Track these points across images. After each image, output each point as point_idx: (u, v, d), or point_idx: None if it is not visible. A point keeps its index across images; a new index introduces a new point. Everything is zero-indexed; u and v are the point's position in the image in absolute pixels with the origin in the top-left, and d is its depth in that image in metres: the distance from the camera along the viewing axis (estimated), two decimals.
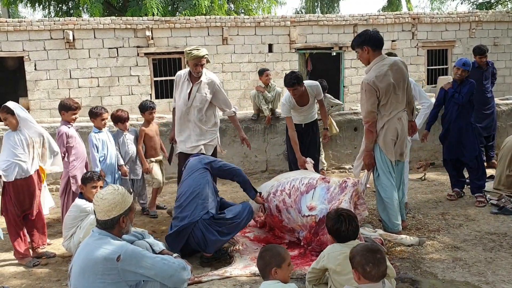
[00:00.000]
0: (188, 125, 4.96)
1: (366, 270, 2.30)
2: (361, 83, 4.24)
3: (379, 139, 4.25)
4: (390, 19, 14.75)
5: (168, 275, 2.63)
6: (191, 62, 4.74)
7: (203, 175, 4.11)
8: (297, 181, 4.33)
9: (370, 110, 4.17)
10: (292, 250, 4.05)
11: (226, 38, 13.75)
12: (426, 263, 3.68)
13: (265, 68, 7.27)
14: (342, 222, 2.82)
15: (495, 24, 15.45)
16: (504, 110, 7.59)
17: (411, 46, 14.90)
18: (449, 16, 15.18)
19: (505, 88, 15.42)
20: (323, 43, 14.36)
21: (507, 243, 4.06)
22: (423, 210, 5.11)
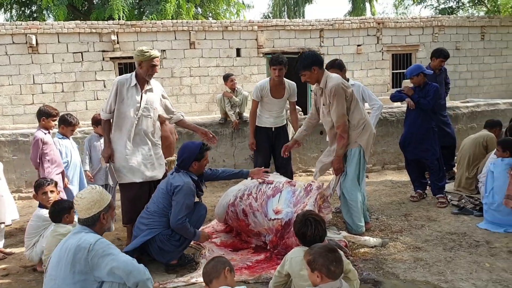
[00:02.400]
0: (136, 140, 4.27)
1: (331, 270, 2.37)
2: (329, 90, 4.28)
3: (362, 140, 4.37)
4: (356, 23, 15.03)
5: (128, 271, 2.63)
6: (146, 62, 4.17)
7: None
8: (264, 185, 4.37)
9: (343, 113, 4.29)
10: (259, 254, 4.08)
11: (194, 42, 13.72)
12: (388, 264, 3.76)
13: (230, 74, 7.28)
14: (308, 226, 2.86)
15: (456, 29, 15.95)
16: (465, 112, 7.83)
17: (376, 50, 15.21)
18: (413, 21, 15.58)
19: (467, 91, 15.92)
20: (290, 47, 14.50)
21: (466, 243, 4.19)
22: (386, 212, 5.22)
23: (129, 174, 4.24)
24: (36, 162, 4.66)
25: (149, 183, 4.34)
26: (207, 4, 21.59)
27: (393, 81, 15.63)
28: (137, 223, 3.93)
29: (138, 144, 4.28)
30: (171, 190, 3.84)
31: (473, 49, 16.16)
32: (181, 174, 3.95)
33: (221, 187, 6.58)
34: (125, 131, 4.23)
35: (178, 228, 3.78)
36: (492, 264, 3.69)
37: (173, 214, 3.77)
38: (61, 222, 3.81)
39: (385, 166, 7.59)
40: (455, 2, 22.56)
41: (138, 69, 4.26)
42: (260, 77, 14.47)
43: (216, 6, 21.53)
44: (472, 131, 7.17)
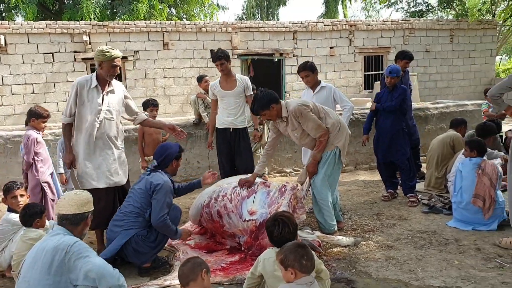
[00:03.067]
0: (99, 144, 4.13)
1: (303, 264, 2.44)
2: (294, 113, 4.35)
3: (339, 142, 4.44)
4: (328, 26, 15.20)
5: (102, 274, 2.61)
6: (107, 63, 4.02)
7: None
8: (238, 186, 4.38)
9: (318, 124, 4.38)
10: (233, 255, 4.09)
11: (167, 43, 13.64)
12: (361, 263, 3.83)
13: (204, 75, 7.26)
14: (276, 226, 2.88)
15: (426, 32, 16.30)
16: (434, 113, 8.01)
17: (348, 52, 15.42)
18: (384, 24, 15.86)
19: (437, 92, 16.29)
20: (264, 49, 14.56)
21: (436, 241, 4.30)
22: (359, 211, 5.30)
23: (92, 180, 4.10)
24: (29, 162, 4.61)
25: (113, 189, 4.24)
26: (180, 5, 21.47)
27: (365, 83, 15.87)
28: (111, 226, 3.87)
29: (101, 149, 4.13)
30: (151, 189, 3.81)
31: (443, 52, 16.56)
32: (159, 173, 3.94)
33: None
34: (87, 135, 4.08)
35: (160, 225, 3.75)
36: (461, 261, 3.80)
37: (155, 212, 3.75)
38: (32, 226, 3.73)
39: (357, 166, 7.69)
40: (425, 5, 23.04)
41: (98, 69, 4.10)
42: None
43: (190, 7, 21.43)
44: (441, 131, 7.33)
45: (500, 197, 4.58)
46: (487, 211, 4.51)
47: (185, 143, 6.78)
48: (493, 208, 4.50)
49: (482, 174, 4.59)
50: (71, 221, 2.79)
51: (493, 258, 3.84)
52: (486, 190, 4.51)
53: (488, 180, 4.54)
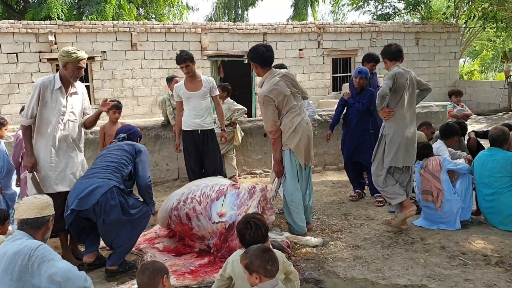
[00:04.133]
0: (63, 147, 4.01)
1: (268, 269, 2.43)
2: (258, 97, 4.41)
3: (291, 143, 4.42)
4: (297, 28, 15.33)
5: (67, 277, 2.56)
6: (72, 64, 3.92)
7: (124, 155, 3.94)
8: (207, 188, 4.35)
9: (272, 119, 4.37)
10: (202, 258, 4.07)
11: (136, 43, 13.49)
12: (329, 263, 3.87)
13: (174, 75, 7.18)
14: (248, 229, 2.87)
15: (393, 34, 16.64)
16: None
17: (317, 54, 15.58)
18: (352, 26, 16.10)
19: None
20: (234, 50, 14.57)
21: (402, 240, 4.38)
22: (327, 212, 5.36)
23: (56, 184, 3.98)
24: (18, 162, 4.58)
25: None
26: (149, 6, 21.24)
27: (334, 85, 16.07)
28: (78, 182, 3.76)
29: (65, 151, 4.02)
30: (134, 150, 3.96)
31: (409, 54, 16.92)
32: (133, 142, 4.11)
33: (164, 191, 6.49)
34: (50, 137, 3.95)
35: (148, 186, 3.92)
36: (426, 260, 3.88)
37: (143, 173, 3.90)
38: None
39: (326, 167, 7.76)
40: (392, 8, 23.52)
41: (62, 70, 3.97)
42: None
43: (159, 7, 21.24)
44: None
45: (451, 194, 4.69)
46: (436, 200, 4.66)
47: (153, 145, 6.72)
48: (441, 198, 4.63)
49: (424, 171, 4.78)
50: (31, 225, 2.75)
51: (457, 256, 3.94)
52: (430, 184, 4.70)
53: (430, 175, 4.73)
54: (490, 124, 12.69)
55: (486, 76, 29.61)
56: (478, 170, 4.76)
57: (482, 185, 4.72)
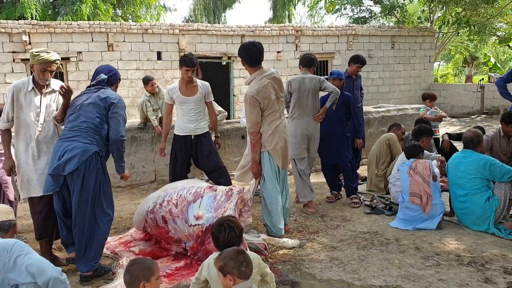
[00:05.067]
0: (43, 149, 3.90)
1: (242, 270, 2.44)
2: (245, 96, 4.41)
3: (269, 146, 4.43)
4: (275, 31, 15.39)
5: (41, 268, 2.60)
6: (36, 66, 3.80)
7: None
8: (184, 190, 4.32)
9: (256, 121, 4.36)
10: (178, 261, 4.04)
11: (112, 44, 13.32)
12: (306, 264, 3.88)
13: (150, 77, 7.07)
14: (222, 231, 2.87)
15: (369, 38, 16.85)
16: (376, 117, 8.28)
17: (295, 57, 15.65)
18: (329, 29, 16.23)
19: (379, 96, 16.85)
20: (212, 52, 14.53)
21: (378, 241, 4.43)
22: (304, 213, 5.38)
23: (38, 187, 3.87)
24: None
25: None
26: (126, 6, 21.04)
27: None
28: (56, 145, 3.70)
29: (45, 153, 3.90)
30: (107, 103, 3.77)
31: (384, 57, 17.17)
32: (109, 90, 3.92)
33: (141, 194, 6.43)
34: (29, 140, 3.87)
35: (120, 141, 3.79)
36: (401, 261, 3.94)
37: (115, 128, 3.76)
38: None
39: None
40: (368, 12, 23.83)
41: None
42: None
43: (136, 8, 21.05)
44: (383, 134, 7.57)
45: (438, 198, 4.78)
46: (425, 206, 4.72)
47: (129, 147, 6.63)
48: (431, 203, 4.71)
49: (414, 173, 4.82)
50: (1, 227, 2.87)
51: (431, 257, 4.00)
52: (420, 187, 4.74)
53: (420, 178, 4.77)
54: (464, 127, 12.97)
55: (460, 79, 30.22)
56: (452, 172, 4.86)
57: (455, 186, 4.81)
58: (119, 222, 5.27)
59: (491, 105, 15.48)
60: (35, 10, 15.61)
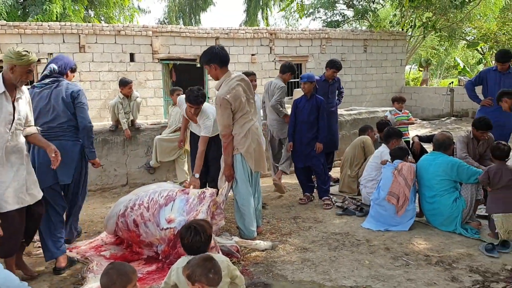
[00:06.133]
0: (11, 160, 3.47)
1: (210, 277, 2.42)
2: (215, 98, 4.39)
3: (242, 148, 4.42)
4: (250, 33, 15.43)
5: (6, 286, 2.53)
6: (21, 67, 3.45)
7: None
8: (156, 194, 4.28)
9: (227, 124, 4.35)
10: (150, 265, 4.00)
11: (84, 45, 13.14)
12: (278, 266, 3.90)
13: (128, 80, 6.93)
14: (187, 233, 2.87)
15: (342, 41, 17.06)
16: (348, 120, 8.39)
17: (269, 60, 15.73)
18: (303, 33, 16.37)
19: (352, 99, 17.05)
20: (186, 54, 14.47)
21: (349, 242, 4.49)
22: (277, 215, 5.41)
23: (5, 202, 3.42)
24: None
25: (25, 208, 3.61)
26: (99, 7, 20.77)
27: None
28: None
29: (13, 165, 3.48)
30: (72, 98, 4.09)
31: (357, 61, 17.41)
32: (65, 81, 4.21)
33: (112, 197, 6.35)
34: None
35: (89, 128, 4.16)
36: (371, 261, 3.99)
37: (83, 116, 4.12)
38: None
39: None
40: (341, 16, 24.13)
41: (8, 73, 3.46)
42: (156, 83, 14.25)
43: (109, 9, 20.80)
44: (354, 136, 7.66)
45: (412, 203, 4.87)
46: (400, 208, 4.80)
47: (100, 150, 6.55)
48: (406, 207, 4.79)
49: (398, 174, 4.89)
50: None
51: (400, 257, 4.07)
52: (401, 189, 4.82)
53: (403, 180, 4.84)
54: (434, 129, 13.24)
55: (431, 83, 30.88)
56: (421, 174, 4.96)
57: (424, 188, 4.91)
58: (90, 226, 5.20)
59: (461, 107, 15.86)
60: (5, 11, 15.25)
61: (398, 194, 4.82)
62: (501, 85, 6.39)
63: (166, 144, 6.67)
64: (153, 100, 14.37)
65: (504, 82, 6.40)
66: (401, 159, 5.08)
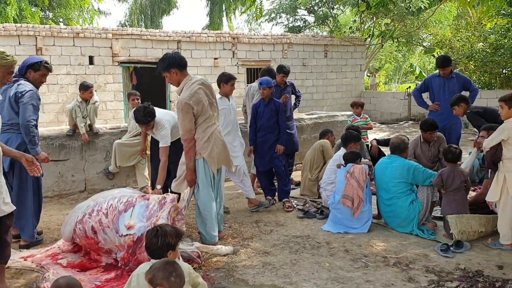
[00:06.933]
0: None
1: (172, 281, 2.41)
2: (177, 102, 4.36)
3: (205, 152, 4.40)
4: (212, 37, 15.41)
5: None
6: (4, 68, 3.49)
7: None
8: (115, 200, 4.21)
9: (189, 128, 4.31)
10: (109, 272, 3.92)
11: (41, 48, 12.79)
12: (239, 271, 3.90)
13: (89, 84, 6.76)
14: (148, 232, 2.86)
15: (303, 47, 17.27)
16: (309, 124, 8.50)
17: (232, 64, 15.75)
18: (265, 38, 16.48)
19: (313, 104, 17.29)
20: (147, 57, 14.30)
21: (310, 244, 4.54)
22: (239, 219, 5.41)
23: None
24: None
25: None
26: (57, 9, 20.25)
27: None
28: None
29: None
30: (17, 98, 4.33)
31: (318, 66, 17.67)
32: (22, 83, 4.43)
33: (70, 204, 6.18)
34: None
35: (27, 126, 4.31)
36: (331, 263, 4.05)
37: (23, 114, 4.31)
38: None
39: None
40: (302, 21, 24.43)
41: None
42: (116, 86, 14.01)
43: (67, 11, 20.31)
44: (315, 140, 7.76)
45: (367, 204, 4.97)
46: (355, 210, 4.89)
47: (57, 155, 6.37)
48: (361, 208, 4.88)
49: (350, 177, 4.98)
50: None
51: (359, 259, 4.15)
52: (354, 191, 4.90)
53: (356, 182, 4.94)
54: (392, 133, 13.58)
55: (390, 87, 31.67)
56: (379, 176, 5.08)
57: (382, 190, 5.03)
58: (47, 233, 5.05)
59: (418, 111, 16.32)
60: None
61: (352, 197, 4.91)
62: (445, 89, 6.65)
63: (125, 149, 6.55)
64: (113, 104, 14.11)
65: (449, 86, 6.66)
66: (353, 162, 5.17)
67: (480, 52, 15.39)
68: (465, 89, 6.77)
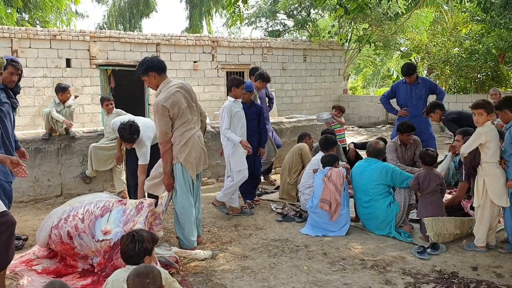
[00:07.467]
0: None
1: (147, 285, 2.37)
2: (154, 105, 4.33)
3: (182, 157, 4.36)
4: (192, 40, 15.37)
5: None
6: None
7: None
8: (91, 205, 4.15)
9: (164, 131, 4.28)
10: (85, 278, 3.86)
11: (17, 50, 12.57)
12: (217, 275, 3.88)
13: (66, 85, 6.67)
14: (124, 238, 2.83)
15: (283, 51, 17.37)
16: (288, 127, 8.54)
17: (211, 67, 15.73)
18: (245, 41, 16.52)
19: (293, 107, 17.38)
20: (126, 60, 14.18)
21: (288, 248, 4.55)
22: (218, 223, 5.39)
23: None
24: None
25: None
26: (34, 11, 19.93)
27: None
28: None
29: None
30: None
31: (297, 70, 17.78)
32: None
33: (45, 209, 6.07)
34: None
35: None
36: (309, 267, 4.06)
37: None
38: None
39: (219, 178, 7.81)
40: (282, 25, 24.55)
41: None
42: (93, 89, 13.85)
43: (44, 13, 20.00)
44: (294, 143, 7.80)
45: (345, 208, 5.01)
46: (333, 213, 4.92)
47: (33, 160, 6.26)
48: (339, 211, 4.92)
49: (328, 181, 5.01)
50: None
51: (337, 262, 4.18)
52: (332, 195, 4.94)
53: (333, 186, 4.97)
54: (370, 136, 13.73)
55: (368, 91, 32.01)
56: (356, 179, 5.13)
57: (360, 193, 5.08)
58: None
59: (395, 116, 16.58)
60: None
61: (329, 200, 4.94)
62: (412, 95, 6.78)
63: (102, 153, 6.46)
64: (90, 107, 13.93)
65: (415, 92, 6.79)
66: (331, 166, 5.21)
67: (456, 57, 15.71)
68: (432, 92, 6.91)
